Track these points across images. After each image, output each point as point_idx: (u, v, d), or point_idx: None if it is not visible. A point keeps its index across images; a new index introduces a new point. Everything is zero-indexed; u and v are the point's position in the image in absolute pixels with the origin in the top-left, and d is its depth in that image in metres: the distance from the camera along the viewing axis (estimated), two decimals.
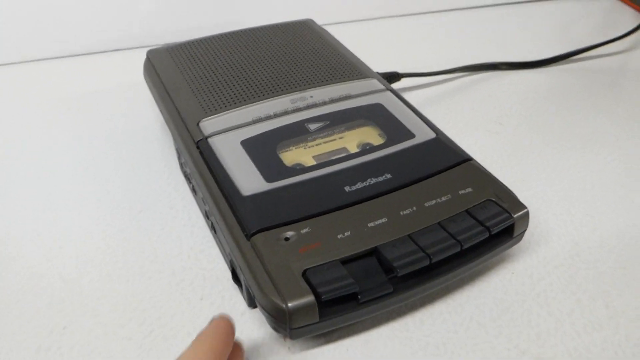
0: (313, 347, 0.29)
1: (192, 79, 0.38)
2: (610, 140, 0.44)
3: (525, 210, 0.31)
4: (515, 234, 0.31)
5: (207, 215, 0.34)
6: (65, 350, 0.29)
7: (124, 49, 0.58)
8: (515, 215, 0.30)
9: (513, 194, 0.32)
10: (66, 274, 0.33)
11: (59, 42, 0.56)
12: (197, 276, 0.33)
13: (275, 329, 0.27)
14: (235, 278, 0.30)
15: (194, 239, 0.35)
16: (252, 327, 0.30)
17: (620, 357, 0.28)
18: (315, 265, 0.27)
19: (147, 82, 0.41)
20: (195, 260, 0.34)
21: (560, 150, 0.43)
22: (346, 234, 0.28)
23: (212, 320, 0.26)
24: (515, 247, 0.33)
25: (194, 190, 0.36)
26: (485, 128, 0.45)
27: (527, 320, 0.30)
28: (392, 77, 0.46)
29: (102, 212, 0.37)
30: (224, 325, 0.25)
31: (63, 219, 0.37)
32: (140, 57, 0.44)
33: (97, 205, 0.38)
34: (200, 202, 0.34)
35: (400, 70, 0.48)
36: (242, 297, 0.31)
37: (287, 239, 0.28)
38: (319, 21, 0.48)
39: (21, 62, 0.56)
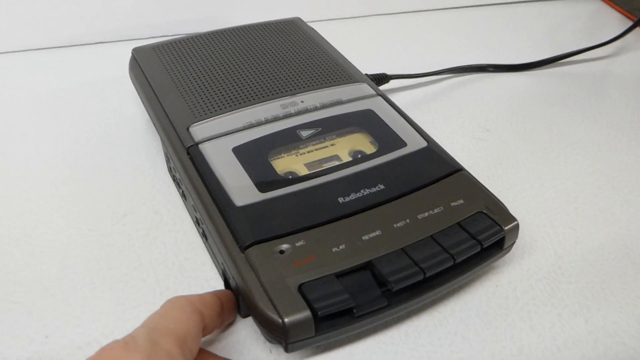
0: (299, 359, 0.31)
1: (180, 81, 0.39)
2: (593, 150, 0.47)
3: (515, 222, 0.33)
4: (505, 246, 0.33)
5: (197, 223, 0.35)
6: None
7: (108, 42, 0.58)
8: (506, 228, 0.33)
9: (503, 205, 0.34)
10: (47, 281, 0.34)
11: (38, 34, 0.56)
12: (182, 284, 0.34)
13: (269, 340, 0.29)
14: (228, 287, 0.32)
15: (178, 245, 0.36)
16: (237, 337, 0.32)
17: None
18: (310, 279, 0.29)
19: (132, 81, 0.42)
20: (180, 268, 0.35)
21: (545, 160, 0.46)
22: (341, 247, 0.30)
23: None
24: (500, 259, 0.36)
25: (183, 196, 0.37)
26: (472, 134, 0.48)
27: (509, 335, 0.33)
28: (381, 78, 0.49)
29: (84, 216, 0.38)
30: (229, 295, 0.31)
31: (43, 222, 0.38)
32: (124, 50, 0.44)
33: (78, 208, 0.39)
34: (191, 209, 0.36)
35: (388, 71, 0.50)
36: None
37: (282, 252, 0.30)
38: (305, 18, 0.50)
39: None
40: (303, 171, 0.35)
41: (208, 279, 0.35)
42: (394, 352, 0.31)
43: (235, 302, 0.31)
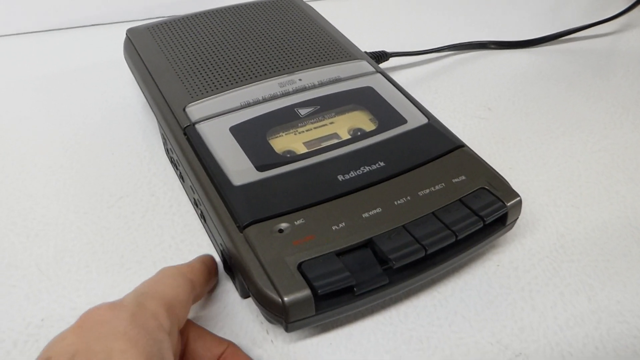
0: (296, 340, 0.32)
1: (175, 61, 0.40)
2: (598, 128, 0.48)
3: (518, 198, 0.34)
4: (507, 223, 0.34)
5: (196, 204, 0.36)
6: (43, 344, 0.31)
7: (103, 24, 0.58)
8: (509, 204, 0.33)
9: (506, 181, 0.35)
10: (43, 264, 0.35)
11: (32, 17, 0.56)
12: None
13: (269, 320, 0.30)
14: (227, 268, 0.33)
15: (174, 228, 0.37)
16: (234, 319, 0.32)
17: (600, 352, 0.32)
18: (310, 258, 0.29)
19: (127, 63, 0.43)
20: (177, 250, 0.36)
21: (548, 138, 0.46)
22: (341, 225, 0.31)
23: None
24: (501, 238, 0.37)
25: (181, 177, 0.38)
26: (474, 113, 0.49)
27: (510, 314, 0.33)
28: (380, 56, 0.49)
29: (80, 199, 0.39)
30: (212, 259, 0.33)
31: (39, 206, 0.38)
32: (119, 32, 0.45)
33: (74, 191, 0.40)
34: (189, 190, 0.37)
35: (388, 49, 0.50)
36: (220, 288, 0.34)
37: (281, 230, 0.30)
38: None
39: None
40: (302, 150, 0.35)
41: None
42: (393, 333, 0.32)
43: (216, 265, 0.33)
